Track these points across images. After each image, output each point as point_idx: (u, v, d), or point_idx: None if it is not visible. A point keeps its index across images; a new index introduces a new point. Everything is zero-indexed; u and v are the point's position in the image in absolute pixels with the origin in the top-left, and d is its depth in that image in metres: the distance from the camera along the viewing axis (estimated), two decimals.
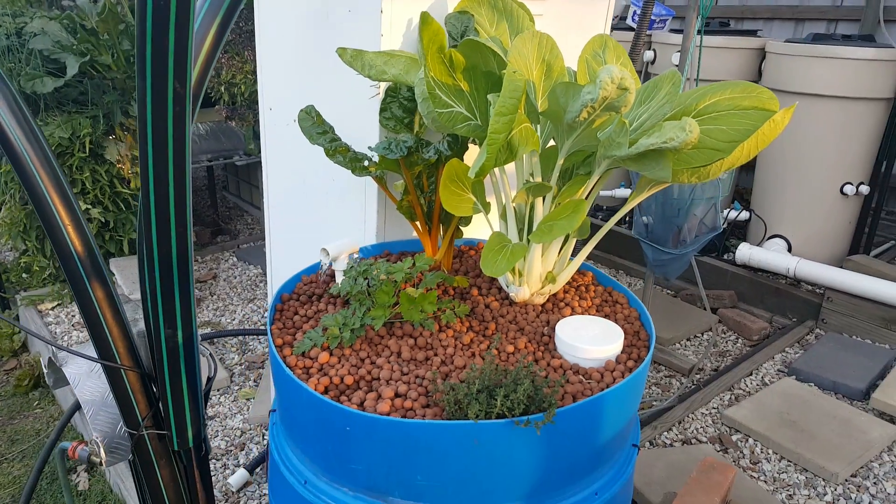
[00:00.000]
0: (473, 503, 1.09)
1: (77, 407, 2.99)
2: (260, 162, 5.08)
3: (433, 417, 1.07)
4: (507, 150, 1.15)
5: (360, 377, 1.16)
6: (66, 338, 3.73)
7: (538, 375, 1.11)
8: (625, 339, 1.29)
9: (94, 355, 1.56)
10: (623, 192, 4.66)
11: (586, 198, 1.31)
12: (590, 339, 1.24)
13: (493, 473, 1.06)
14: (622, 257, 4.54)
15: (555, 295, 1.46)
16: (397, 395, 1.11)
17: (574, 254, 1.46)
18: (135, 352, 1.36)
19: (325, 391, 1.12)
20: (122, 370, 1.34)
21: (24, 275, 4.21)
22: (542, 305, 1.44)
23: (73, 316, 3.96)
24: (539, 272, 1.39)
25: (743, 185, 5.44)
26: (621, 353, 1.26)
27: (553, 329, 1.31)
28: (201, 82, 1.21)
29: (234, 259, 4.84)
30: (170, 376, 1.32)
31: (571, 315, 1.37)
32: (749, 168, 5.06)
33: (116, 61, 4.06)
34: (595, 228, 1.33)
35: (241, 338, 3.78)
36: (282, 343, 1.25)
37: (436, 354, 1.25)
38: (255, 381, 3.37)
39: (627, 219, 4.82)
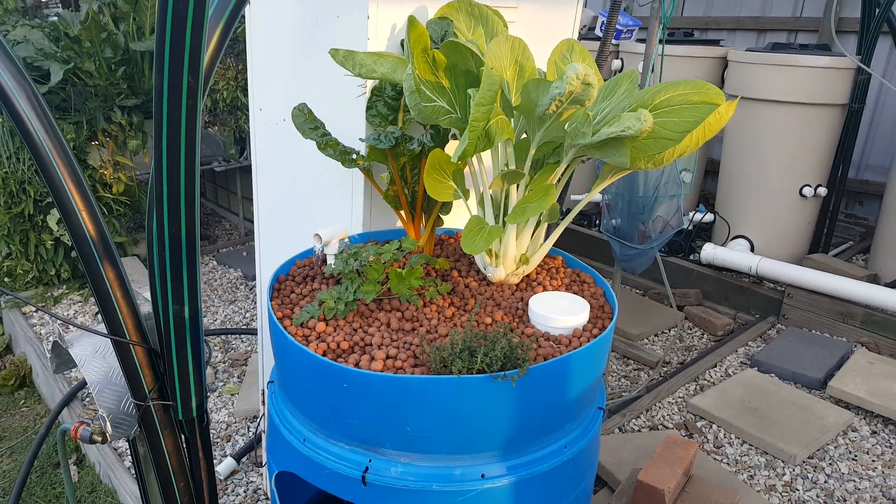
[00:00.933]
0: (457, 451, 1.22)
1: (66, 402, 3.06)
2: (238, 168, 5.20)
3: (421, 374, 1.20)
4: (486, 137, 1.29)
5: (355, 343, 1.29)
6: (51, 338, 3.79)
7: (513, 339, 1.24)
8: (591, 311, 1.44)
9: (101, 340, 1.67)
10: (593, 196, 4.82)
11: (556, 184, 1.45)
12: (559, 310, 1.38)
13: (475, 424, 1.20)
14: (593, 259, 4.70)
15: (528, 275, 1.60)
16: (389, 357, 1.24)
17: (544, 239, 1.61)
18: (142, 328, 1.48)
19: (324, 354, 1.25)
20: (130, 345, 1.45)
21: (6, 279, 4.27)
22: (517, 285, 1.58)
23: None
24: (514, 254, 1.53)
25: (708, 190, 5.65)
26: (587, 322, 1.40)
27: (527, 304, 1.45)
28: (208, 78, 1.34)
29: (214, 263, 4.93)
30: (176, 349, 1.44)
31: (543, 292, 1.51)
32: (713, 173, 5.27)
33: (99, 69, 4.15)
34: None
35: (224, 337, 3.88)
36: (282, 315, 1.38)
37: (421, 325, 1.38)
38: (238, 377, 3.47)
39: (597, 222, 5.00)
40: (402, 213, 1.69)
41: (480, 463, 1.24)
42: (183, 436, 1.61)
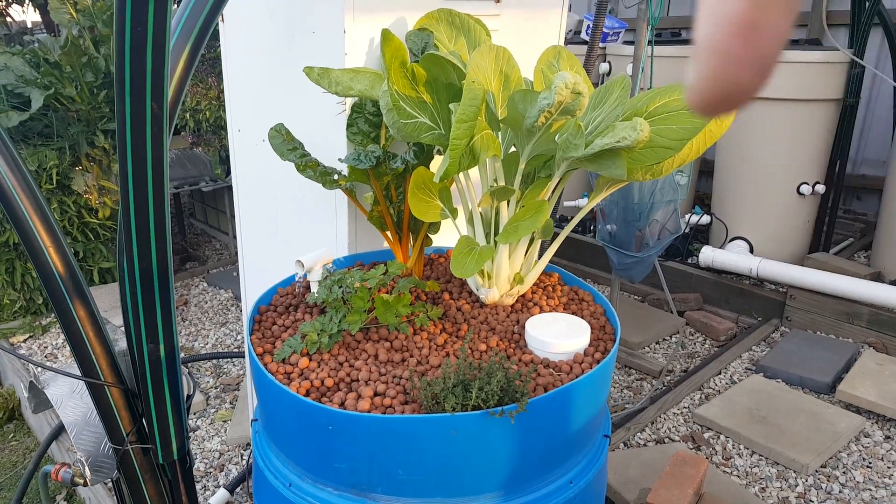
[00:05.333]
0: (453, 494, 1.13)
1: (54, 436, 2.97)
2: (226, 187, 5.12)
3: (412, 413, 1.12)
4: (470, 155, 1.21)
5: (340, 379, 1.20)
6: (38, 369, 3.69)
7: (510, 369, 1.16)
8: (591, 333, 1.36)
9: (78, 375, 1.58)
10: (583, 201, 4.75)
11: (549, 199, 1.37)
12: (558, 334, 1.29)
13: (471, 464, 1.11)
14: (589, 266, 4.63)
15: (523, 295, 1.52)
16: (376, 393, 1.16)
17: (539, 256, 1.53)
18: (117, 369, 1.39)
19: (307, 394, 1.17)
20: (105, 387, 1.37)
21: None
22: (512, 306, 1.49)
23: (46, 348, 3.93)
24: (507, 274, 1.45)
25: (703, 191, 5.58)
26: (588, 346, 1.32)
27: (523, 327, 1.37)
28: (176, 104, 1.26)
29: (205, 284, 4.84)
30: (153, 389, 1.36)
31: (540, 314, 1.43)
32: (708, 173, 5.20)
33: (80, 93, 4.08)
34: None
35: (215, 361, 3.79)
36: (262, 351, 1.29)
37: (411, 355, 1.30)
38: (231, 403, 3.38)
39: (592, 228, 4.92)
40: (389, 233, 1.61)
41: None
42: (166, 479, 1.53)
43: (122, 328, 1.55)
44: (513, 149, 1.39)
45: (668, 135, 1.19)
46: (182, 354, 3.85)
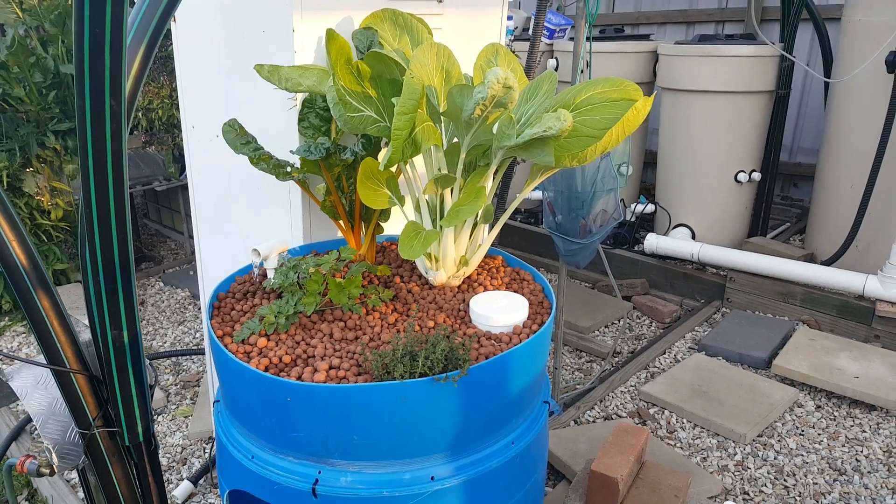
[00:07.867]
0: (404, 455, 1.24)
1: (13, 437, 2.99)
2: (180, 186, 5.13)
3: (364, 383, 1.21)
4: (412, 145, 1.31)
5: (297, 356, 1.29)
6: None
7: (455, 340, 1.27)
8: (530, 308, 1.47)
9: (43, 371, 1.64)
10: (535, 194, 4.88)
11: (488, 186, 1.48)
12: (499, 310, 1.40)
13: (420, 427, 1.22)
14: (542, 255, 4.76)
15: (469, 277, 1.63)
16: (331, 367, 1.25)
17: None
18: (82, 356, 1.46)
19: (266, 370, 1.25)
20: (71, 374, 1.43)
21: None
22: (459, 287, 1.60)
23: (5, 349, 3.92)
24: (453, 257, 1.55)
25: (648, 181, 5.76)
26: (527, 319, 1.43)
27: (468, 305, 1.48)
28: (133, 100, 1.33)
29: (161, 284, 4.85)
30: (118, 374, 1.42)
31: (484, 292, 1.54)
32: (652, 164, 5.38)
33: (29, 94, 4.06)
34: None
35: (174, 359, 3.82)
36: (222, 334, 1.38)
37: (364, 334, 1.39)
38: (191, 399, 3.43)
39: (543, 218, 5.06)
40: (341, 222, 1.70)
41: (429, 465, 1.26)
42: (132, 462, 1.59)
43: (85, 321, 1.61)
44: (455, 140, 1.50)
45: (592, 125, 1.31)
46: None
